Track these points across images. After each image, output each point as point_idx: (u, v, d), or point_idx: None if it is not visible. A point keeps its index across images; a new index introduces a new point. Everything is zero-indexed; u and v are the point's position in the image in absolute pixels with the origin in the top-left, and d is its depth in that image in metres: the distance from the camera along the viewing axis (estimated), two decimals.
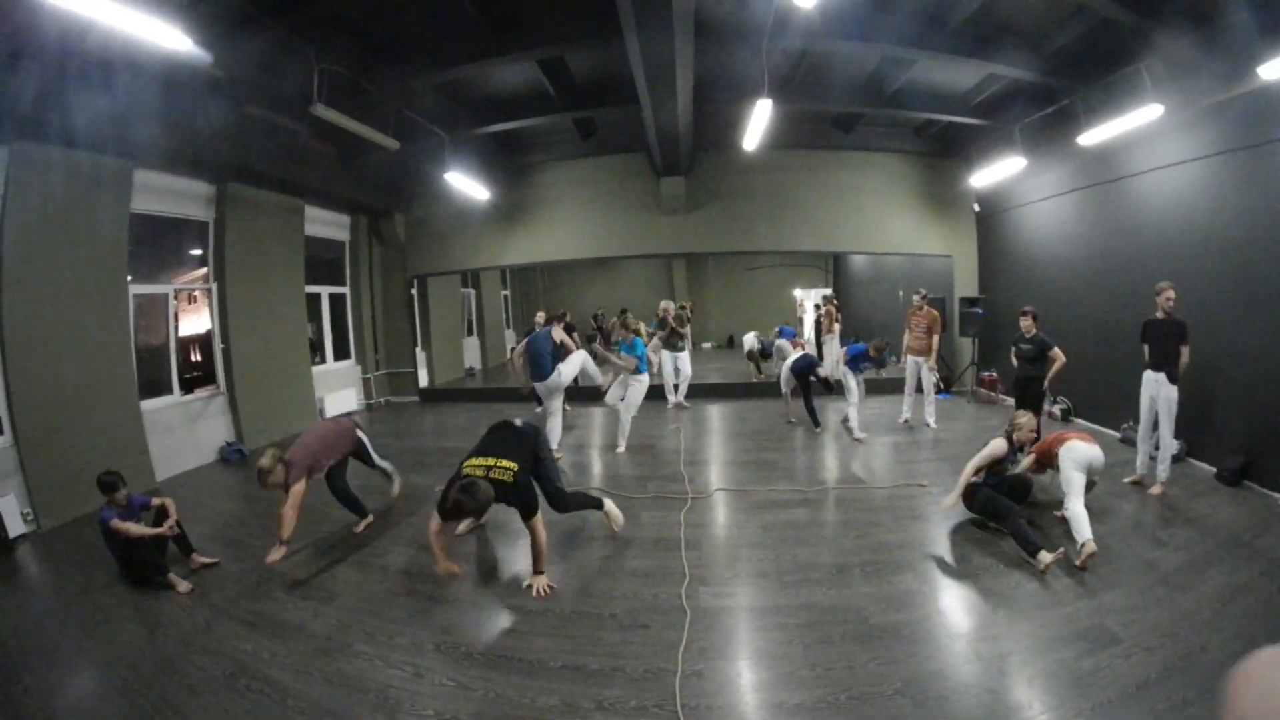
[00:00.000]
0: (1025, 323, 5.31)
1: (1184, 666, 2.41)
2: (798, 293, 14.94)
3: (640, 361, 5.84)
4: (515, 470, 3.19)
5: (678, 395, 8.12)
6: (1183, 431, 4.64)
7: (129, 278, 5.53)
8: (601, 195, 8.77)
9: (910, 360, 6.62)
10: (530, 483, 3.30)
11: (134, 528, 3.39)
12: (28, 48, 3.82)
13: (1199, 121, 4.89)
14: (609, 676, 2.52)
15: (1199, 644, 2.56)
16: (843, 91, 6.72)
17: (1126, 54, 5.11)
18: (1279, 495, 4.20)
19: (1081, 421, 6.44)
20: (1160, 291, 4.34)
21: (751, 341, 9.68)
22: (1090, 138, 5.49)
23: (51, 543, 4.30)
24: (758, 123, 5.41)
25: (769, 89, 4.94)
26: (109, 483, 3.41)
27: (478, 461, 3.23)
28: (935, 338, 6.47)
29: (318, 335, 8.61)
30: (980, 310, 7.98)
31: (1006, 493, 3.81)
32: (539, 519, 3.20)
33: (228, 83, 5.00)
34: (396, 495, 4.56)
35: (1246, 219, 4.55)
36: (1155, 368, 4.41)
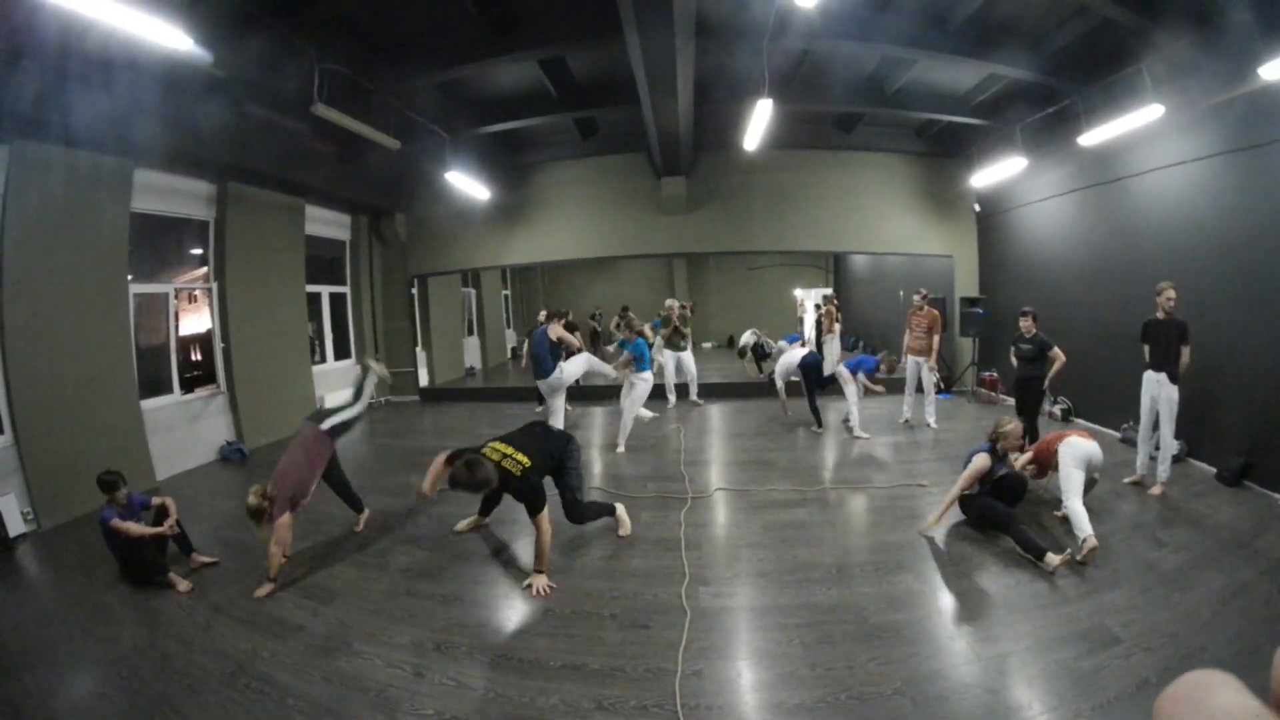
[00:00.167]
0: (1025, 323, 5.31)
1: (1184, 666, 2.36)
2: (798, 293, 14.94)
3: (644, 360, 5.85)
4: (527, 467, 3.27)
5: (690, 394, 8.15)
6: (1183, 432, 4.64)
7: (129, 277, 5.53)
8: (601, 195, 8.77)
9: (911, 360, 6.63)
10: (539, 483, 3.33)
11: (134, 527, 3.40)
12: (28, 47, 3.82)
13: (1199, 122, 4.89)
14: (609, 676, 2.52)
15: (1199, 644, 2.56)
16: (843, 91, 6.72)
17: (1127, 54, 5.10)
18: (1279, 495, 4.20)
19: (1082, 421, 6.44)
20: (1160, 291, 4.34)
21: (749, 339, 9.65)
22: (1091, 138, 5.49)
23: (51, 542, 4.30)
24: (758, 123, 5.41)
25: (769, 89, 4.93)
26: (109, 482, 3.42)
27: (499, 445, 3.39)
28: (936, 338, 6.47)
29: (318, 334, 8.61)
30: (980, 310, 7.98)
31: (1002, 495, 3.81)
32: (544, 517, 3.23)
33: (228, 83, 4.99)
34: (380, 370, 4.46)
35: (1247, 219, 4.55)
36: (1156, 368, 4.41)
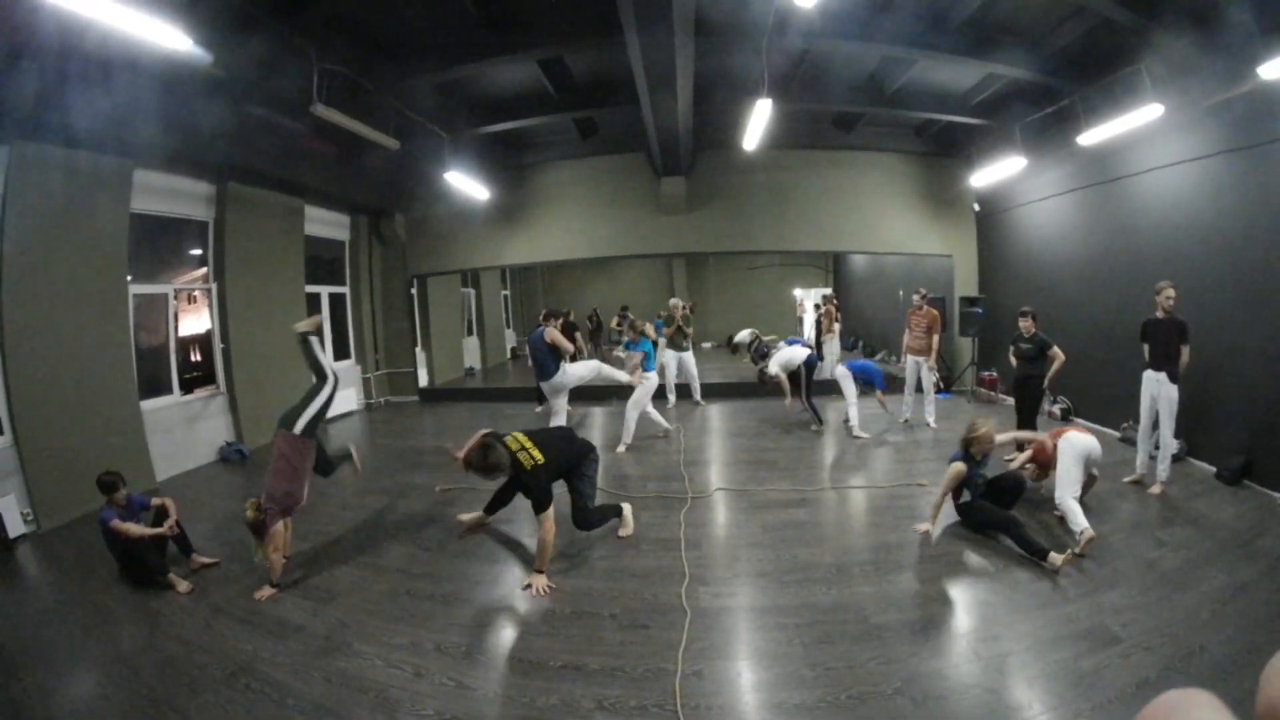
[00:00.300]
0: (1025, 323, 5.31)
1: (1184, 666, 2.41)
2: (798, 292, 14.96)
3: (649, 359, 5.87)
4: (540, 464, 3.29)
5: (692, 396, 8.16)
6: (1183, 431, 4.64)
7: (129, 277, 5.52)
8: (601, 195, 8.77)
9: (910, 360, 6.63)
10: (548, 483, 3.34)
11: (134, 528, 3.39)
12: (28, 48, 3.81)
13: (1199, 121, 4.89)
14: (609, 676, 2.52)
15: (1199, 644, 2.56)
16: (843, 91, 6.73)
17: (1126, 54, 5.10)
18: (1279, 494, 4.20)
19: (1081, 420, 6.44)
20: (1160, 291, 4.34)
21: (745, 336, 9.66)
22: (1090, 137, 5.49)
23: (51, 543, 4.30)
24: (758, 122, 5.41)
25: (769, 89, 4.94)
26: (109, 483, 3.42)
27: (520, 436, 3.42)
28: (935, 337, 6.47)
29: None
30: (980, 310, 7.98)
31: (999, 497, 3.80)
32: (548, 517, 3.24)
33: (228, 83, 4.99)
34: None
35: (1246, 218, 4.55)
36: (1155, 367, 4.41)
